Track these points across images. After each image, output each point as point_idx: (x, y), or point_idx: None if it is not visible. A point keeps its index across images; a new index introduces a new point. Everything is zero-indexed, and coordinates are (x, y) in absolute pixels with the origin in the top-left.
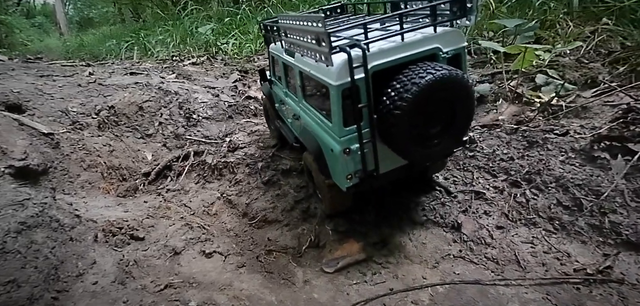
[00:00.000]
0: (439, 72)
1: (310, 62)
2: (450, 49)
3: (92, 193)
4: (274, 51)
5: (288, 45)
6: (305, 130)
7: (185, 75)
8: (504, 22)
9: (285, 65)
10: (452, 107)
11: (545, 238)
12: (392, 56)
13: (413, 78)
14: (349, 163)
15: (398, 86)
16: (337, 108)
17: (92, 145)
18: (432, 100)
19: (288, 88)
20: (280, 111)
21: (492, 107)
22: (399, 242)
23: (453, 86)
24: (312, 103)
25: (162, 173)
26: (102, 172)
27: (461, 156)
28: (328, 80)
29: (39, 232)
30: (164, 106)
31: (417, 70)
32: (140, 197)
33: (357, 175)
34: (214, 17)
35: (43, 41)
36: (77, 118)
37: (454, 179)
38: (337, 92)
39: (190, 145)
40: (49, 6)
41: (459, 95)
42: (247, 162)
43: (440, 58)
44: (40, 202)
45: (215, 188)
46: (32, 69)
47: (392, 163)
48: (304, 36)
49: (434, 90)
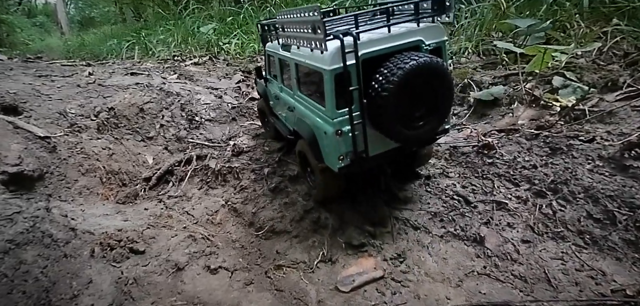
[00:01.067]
0: (421, 59)
1: (305, 52)
2: (432, 42)
3: (91, 199)
4: (270, 49)
5: (285, 40)
6: (300, 119)
7: (187, 75)
8: (516, 22)
9: (281, 61)
10: (434, 92)
11: (576, 254)
12: (380, 46)
13: (398, 64)
14: (341, 144)
15: (385, 71)
16: (330, 91)
17: (90, 148)
18: (416, 84)
19: (283, 83)
20: (275, 107)
21: (508, 110)
22: (417, 257)
23: (434, 72)
24: (306, 93)
25: (164, 178)
26: (101, 177)
27: (479, 163)
28: (322, 66)
29: (29, 250)
30: (165, 108)
31: (402, 58)
32: (140, 204)
33: (349, 156)
34: (216, 17)
35: (44, 41)
36: (76, 121)
37: (472, 188)
38: (331, 76)
39: (192, 148)
40: (50, 6)
41: (439, 80)
42: (252, 168)
43: (423, 49)
44: (32, 215)
45: (219, 195)
46: (31, 68)
47: (381, 146)
48: (301, 27)
49: (416, 74)
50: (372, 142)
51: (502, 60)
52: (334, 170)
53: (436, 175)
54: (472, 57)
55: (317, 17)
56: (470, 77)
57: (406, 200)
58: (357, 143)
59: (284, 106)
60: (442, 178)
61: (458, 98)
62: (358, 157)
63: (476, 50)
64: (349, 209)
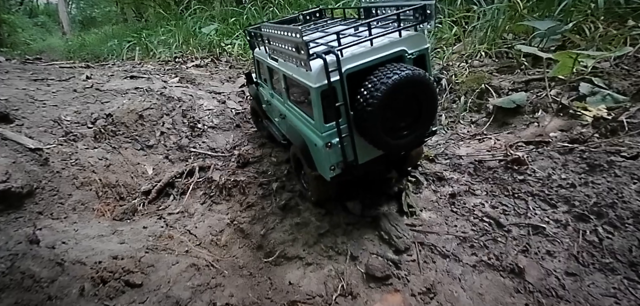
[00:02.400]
0: (403, 73)
1: (292, 66)
2: (415, 50)
3: (85, 216)
4: (259, 55)
5: (271, 51)
6: (291, 127)
7: (189, 78)
8: (534, 23)
9: (270, 69)
10: (418, 102)
11: (630, 290)
12: (363, 60)
13: (382, 79)
14: (331, 155)
15: (369, 86)
16: (318, 107)
17: (86, 159)
18: (399, 96)
19: (273, 90)
20: (268, 111)
21: (532, 119)
22: (449, 292)
23: (417, 83)
24: (296, 103)
25: (164, 191)
26: (97, 190)
27: (508, 179)
28: (308, 82)
29: (4, 299)
30: (166, 114)
31: (385, 72)
32: (139, 221)
33: (339, 165)
34: (218, 17)
35: (46, 41)
36: (71, 129)
37: (503, 208)
38: (317, 93)
39: (195, 158)
40: (52, 6)
41: (422, 91)
42: (259, 181)
43: (407, 59)
44: (10, 252)
45: (224, 212)
46: (28, 71)
47: (369, 153)
48: (285, 44)
49: (399, 88)
50: (361, 150)
51: (520, 64)
52: (326, 178)
53: (461, 192)
54: (484, 59)
55: (300, 39)
56: (488, 82)
57: (431, 222)
58: (346, 154)
59: (275, 112)
60: (468, 197)
61: (474, 105)
62: (348, 165)
63: (488, 53)
64: (367, 231)
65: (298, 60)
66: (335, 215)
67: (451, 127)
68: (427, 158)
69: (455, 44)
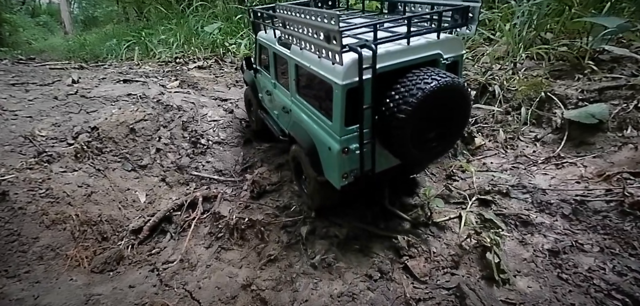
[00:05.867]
0: (443, 79)
1: (310, 56)
2: (450, 56)
3: (54, 269)
4: (264, 40)
5: (285, 37)
6: (297, 124)
7: (191, 82)
8: (599, 20)
9: (276, 56)
10: (451, 113)
11: None
12: (398, 59)
13: (418, 84)
14: (346, 162)
15: (402, 90)
16: (340, 107)
17: (61, 187)
18: (435, 105)
19: (277, 79)
20: (265, 101)
21: (621, 139)
22: None
23: (455, 93)
24: (307, 99)
25: (159, 228)
26: (72, 230)
27: (632, 231)
28: (333, 78)
29: None
30: (163, 126)
31: (422, 76)
32: (124, 276)
33: (353, 173)
34: (221, 16)
35: (47, 40)
36: (46, 147)
37: (635, 276)
38: (343, 91)
39: (197, 184)
40: (54, 5)
41: (458, 102)
42: (282, 222)
43: (441, 64)
44: None
45: (236, 263)
46: (10, 73)
47: (386, 163)
48: (311, 31)
49: (437, 96)
50: (378, 158)
51: (583, 67)
52: (335, 186)
53: (565, 247)
54: (525, 62)
55: (335, 26)
56: (549, 90)
57: (534, 297)
58: (365, 162)
59: (277, 104)
60: (577, 255)
61: (533, 116)
62: (364, 174)
63: (529, 55)
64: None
65: (326, 50)
66: (395, 281)
67: (511, 146)
68: (499, 193)
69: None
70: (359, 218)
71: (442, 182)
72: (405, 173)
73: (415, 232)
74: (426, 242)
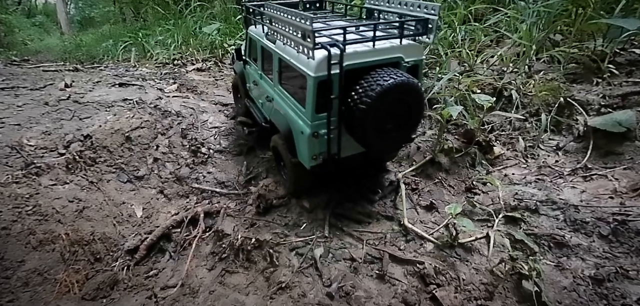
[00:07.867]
0: (399, 78)
1: (291, 51)
2: (411, 59)
3: (40, 297)
4: (253, 33)
5: (271, 32)
6: (277, 112)
7: (190, 86)
8: (619, 22)
9: (263, 49)
10: (407, 108)
11: None
12: (363, 59)
13: (378, 80)
14: (315, 145)
15: (365, 85)
16: (312, 96)
17: (50, 203)
18: (391, 100)
19: (263, 71)
20: (251, 91)
21: None
22: None
23: (410, 91)
24: (287, 89)
25: (157, 246)
26: (62, 250)
27: None
28: (307, 71)
29: None
30: (161, 133)
31: (382, 74)
32: (119, 303)
33: (321, 156)
34: (219, 16)
35: (43, 41)
36: (34, 158)
37: None
38: (314, 82)
39: (198, 198)
40: (50, 5)
41: (413, 98)
42: (292, 243)
43: (402, 66)
44: None
45: (242, 289)
46: (2, 76)
47: (351, 149)
48: (290, 29)
49: (393, 92)
50: (345, 144)
51: (602, 71)
52: (305, 166)
53: (609, 274)
54: (535, 65)
55: (309, 26)
56: (569, 95)
57: None
58: (331, 146)
59: (262, 93)
60: (621, 282)
61: (552, 121)
62: (330, 157)
63: (539, 57)
64: None
65: (301, 47)
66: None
67: (532, 155)
68: (527, 208)
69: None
70: (376, 238)
71: (461, 194)
72: (374, 162)
73: (440, 255)
74: (454, 267)
